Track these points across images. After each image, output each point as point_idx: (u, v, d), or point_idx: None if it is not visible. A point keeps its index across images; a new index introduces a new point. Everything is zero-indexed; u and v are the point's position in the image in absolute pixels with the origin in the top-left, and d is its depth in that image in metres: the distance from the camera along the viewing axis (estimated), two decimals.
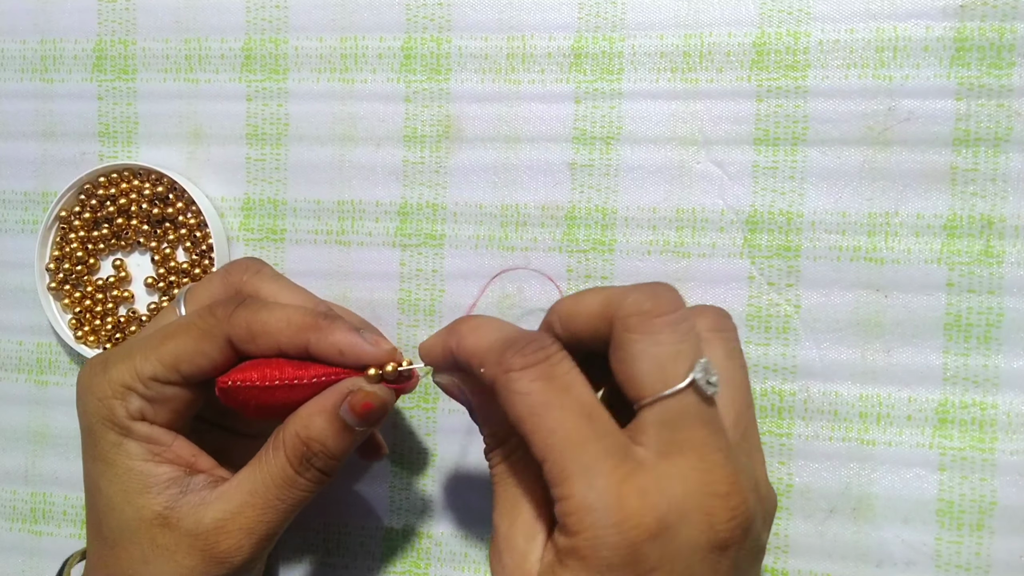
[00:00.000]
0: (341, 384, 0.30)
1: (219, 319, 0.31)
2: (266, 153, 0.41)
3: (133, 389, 0.30)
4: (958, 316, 0.36)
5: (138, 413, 0.31)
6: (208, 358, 0.30)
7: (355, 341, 0.30)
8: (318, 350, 0.30)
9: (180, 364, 0.30)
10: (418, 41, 0.40)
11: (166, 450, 0.31)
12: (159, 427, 0.31)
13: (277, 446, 0.30)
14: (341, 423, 0.30)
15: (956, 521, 0.36)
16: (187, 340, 0.31)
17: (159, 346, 0.31)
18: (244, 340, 0.30)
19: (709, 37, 0.37)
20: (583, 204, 0.38)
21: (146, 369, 0.30)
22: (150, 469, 0.30)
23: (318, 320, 0.30)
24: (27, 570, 0.43)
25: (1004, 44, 0.35)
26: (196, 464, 0.31)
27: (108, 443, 0.31)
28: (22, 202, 0.43)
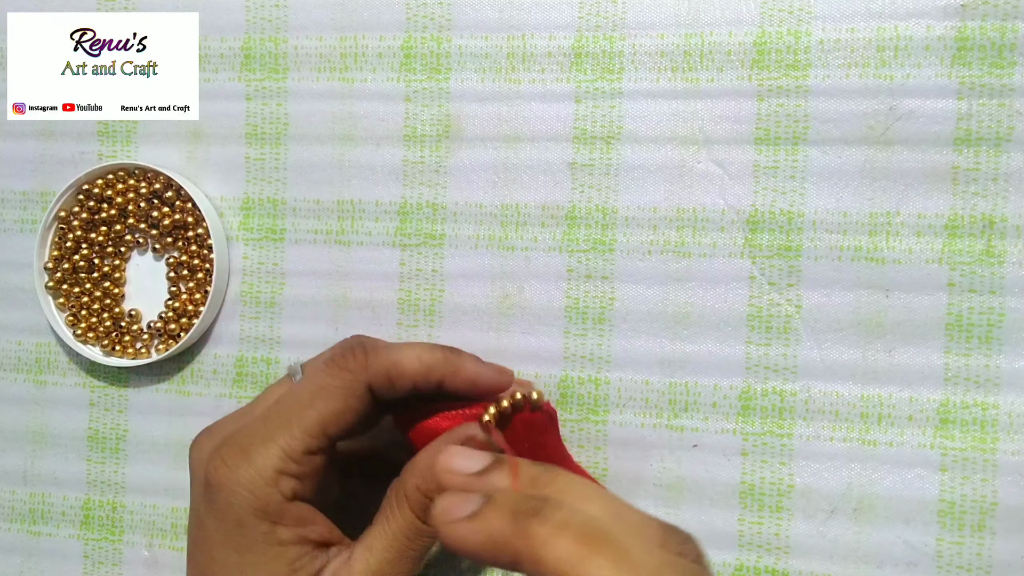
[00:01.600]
0: (454, 431, 0.31)
1: (355, 372, 0.31)
2: (265, 153, 0.41)
3: (285, 471, 0.30)
4: (959, 316, 0.36)
5: (291, 493, 0.30)
6: (355, 413, 0.31)
7: (484, 371, 0.32)
8: (453, 384, 0.31)
9: (328, 428, 0.30)
10: (418, 40, 0.40)
11: (311, 530, 0.31)
12: (306, 504, 0.31)
13: (401, 501, 0.31)
14: None
15: (957, 522, 0.36)
16: (330, 402, 0.31)
17: (302, 418, 0.30)
18: (383, 386, 0.31)
19: (710, 36, 0.37)
20: (583, 204, 0.38)
21: (296, 447, 0.30)
22: (296, 551, 0.30)
23: (447, 355, 0.31)
24: (25, 571, 0.43)
25: (1005, 43, 0.35)
26: (330, 537, 0.31)
27: (260, 533, 0.30)
28: (21, 201, 0.43)
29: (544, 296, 0.39)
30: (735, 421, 0.37)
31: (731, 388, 0.37)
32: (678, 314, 0.38)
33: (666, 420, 0.38)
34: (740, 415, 0.37)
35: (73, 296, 0.42)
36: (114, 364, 0.41)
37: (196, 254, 0.41)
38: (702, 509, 0.37)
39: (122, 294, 0.42)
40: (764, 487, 0.37)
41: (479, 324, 0.39)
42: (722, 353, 0.37)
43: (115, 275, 0.42)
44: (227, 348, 0.41)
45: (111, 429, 0.42)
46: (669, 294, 0.38)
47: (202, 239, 0.41)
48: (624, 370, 0.38)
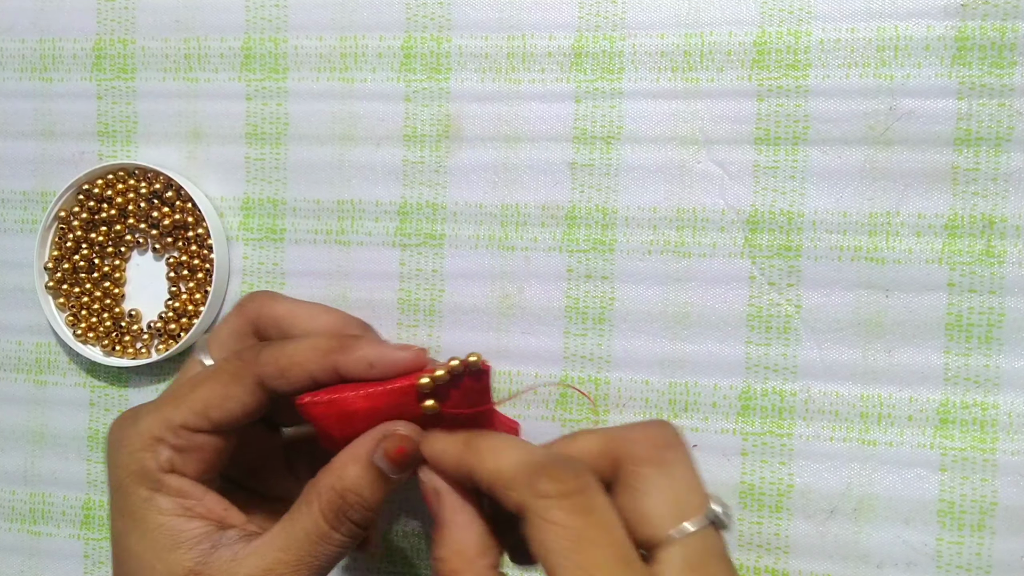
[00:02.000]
0: (373, 431, 0.29)
1: (246, 361, 0.30)
2: (266, 152, 0.41)
3: (163, 440, 0.30)
4: (959, 316, 0.36)
5: (168, 464, 0.30)
6: (239, 402, 0.30)
7: (383, 351, 0.29)
8: (348, 369, 0.29)
9: (210, 410, 0.30)
10: (418, 40, 0.40)
11: (197, 504, 0.30)
12: (190, 480, 0.30)
13: (310, 500, 0.29)
14: (376, 471, 0.28)
15: (957, 522, 0.36)
16: (216, 386, 0.30)
17: (188, 394, 0.30)
18: (275, 377, 0.30)
19: (710, 36, 0.37)
20: (583, 204, 0.38)
21: (176, 418, 0.30)
22: (181, 524, 0.29)
23: (342, 340, 0.30)
24: (26, 570, 0.43)
25: (1005, 43, 0.35)
26: (227, 519, 0.30)
27: (139, 498, 0.30)
28: (21, 201, 0.43)
29: (544, 296, 0.39)
30: (735, 421, 0.37)
31: (731, 388, 0.37)
32: (678, 314, 0.38)
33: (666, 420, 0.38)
34: (740, 415, 0.37)
35: (73, 296, 0.42)
36: (114, 364, 0.41)
37: (196, 254, 0.41)
38: None
39: (122, 294, 0.42)
40: (764, 487, 0.37)
41: (479, 324, 0.39)
42: (722, 353, 0.37)
43: (115, 275, 0.42)
44: None
45: None
46: (669, 294, 0.38)
47: (202, 239, 0.41)
48: (624, 370, 0.38)
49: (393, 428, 0.29)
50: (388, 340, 0.33)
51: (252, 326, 0.33)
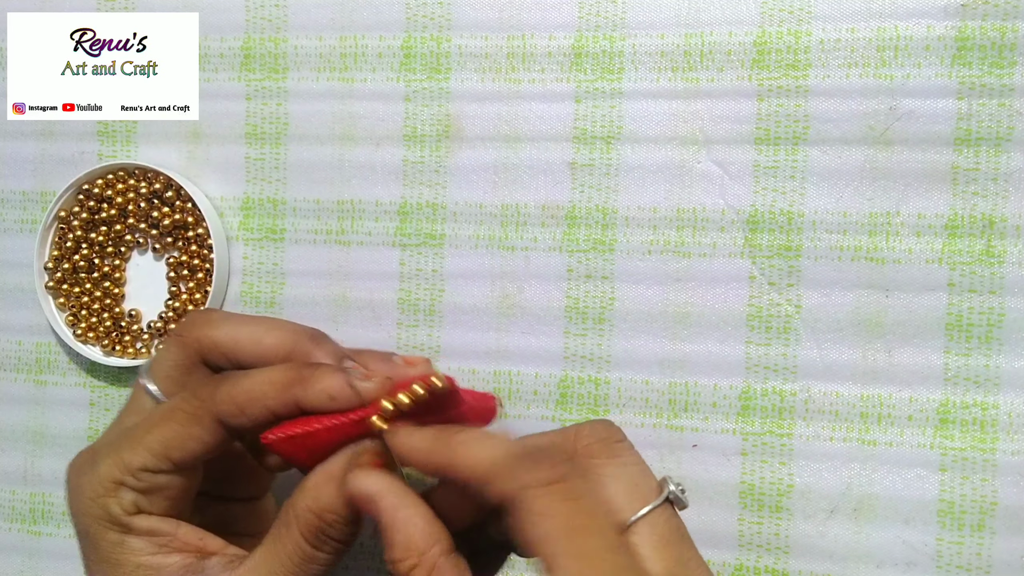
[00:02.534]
0: (345, 451, 0.28)
1: (203, 400, 0.29)
2: (265, 152, 0.41)
3: (123, 483, 0.29)
4: (959, 316, 0.36)
5: (133, 507, 0.29)
6: (199, 441, 0.29)
7: (342, 382, 0.28)
8: (309, 402, 0.28)
9: (170, 452, 0.29)
10: (418, 40, 0.40)
11: (172, 539, 0.29)
12: (158, 517, 0.29)
13: (289, 522, 0.28)
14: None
15: (957, 521, 0.36)
16: (174, 426, 0.29)
17: (144, 436, 0.29)
18: (234, 415, 0.29)
19: (710, 36, 0.37)
20: (583, 204, 0.38)
21: (135, 461, 0.29)
22: (160, 561, 0.29)
23: (300, 372, 0.29)
24: (26, 570, 0.43)
25: (1005, 43, 0.35)
26: (206, 547, 0.30)
27: (110, 543, 0.29)
28: (21, 201, 0.43)
29: (544, 296, 0.39)
30: (735, 421, 0.37)
31: (731, 388, 0.37)
32: (678, 314, 0.38)
33: (666, 420, 0.38)
34: (740, 415, 0.37)
35: (73, 296, 0.42)
36: (114, 364, 0.41)
37: (196, 254, 0.41)
38: (702, 509, 0.37)
39: (122, 294, 0.42)
40: (764, 487, 0.37)
41: (479, 324, 0.39)
42: (722, 353, 0.37)
43: (115, 275, 0.42)
44: None
45: None
46: (669, 294, 0.38)
47: (202, 239, 0.41)
48: (624, 370, 0.38)
49: (364, 446, 0.28)
50: (340, 345, 0.31)
51: (197, 355, 0.31)
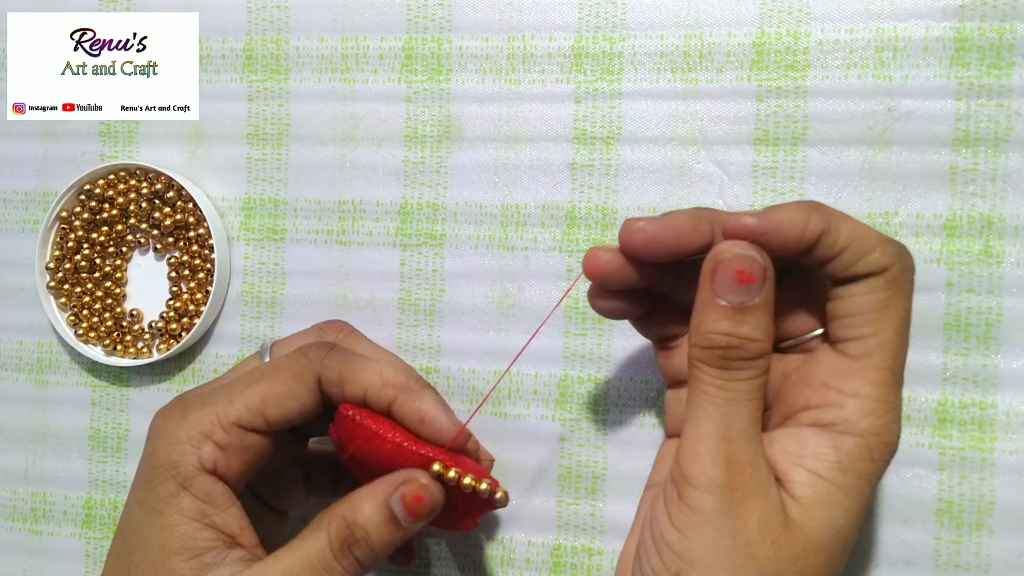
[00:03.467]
0: (395, 474, 0.29)
1: (311, 360, 0.30)
2: (267, 153, 0.41)
3: (211, 436, 0.29)
4: (957, 316, 0.36)
5: (211, 463, 0.29)
6: (297, 400, 0.30)
7: (439, 415, 0.30)
8: (401, 410, 0.30)
9: (267, 407, 0.29)
10: (419, 41, 0.40)
11: (217, 514, 0.29)
12: (222, 485, 0.29)
13: (321, 526, 0.29)
14: (389, 513, 0.28)
15: (955, 521, 0.36)
16: (276, 382, 0.30)
17: (245, 389, 0.30)
18: (333, 383, 0.30)
19: (709, 37, 0.37)
20: (583, 204, 0.39)
21: (231, 414, 0.29)
22: (194, 531, 0.29)
23: (410, 382, 0.30)
24: (27, 570, 0.43)
25: (1004, 44, 0.35)
26: (240, 538, 0.30)
27: (165, 491, 0.29)
28: (23, 202, 0.43)
29: (544, 296, 0.39)
30: None
31: None
32: None
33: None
34: None
35: (75, 296, 0.42)
36: (115, 364, 0.41)
37: (197, 254, 0.41)
38: None
39: (123, 294, 0.43)
40: None
41: (479, 324, 0.39)
42: None
43: (116, 275, 0.42)
44: (228, 348, 0.42)
45: (112, 429, 0.43)
46: None
47: (203, 239, 0.41)
48: (624, 369, 0.38)
49: (414, 476, 0.29)
50: (443, 400, 0.33)
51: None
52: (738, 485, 0.26)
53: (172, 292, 0.42)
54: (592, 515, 0.38)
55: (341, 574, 0.28)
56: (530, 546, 0.39)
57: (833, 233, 0.26)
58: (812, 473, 0.26)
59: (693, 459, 0.26)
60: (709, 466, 0.26)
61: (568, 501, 0.39)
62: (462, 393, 0.39)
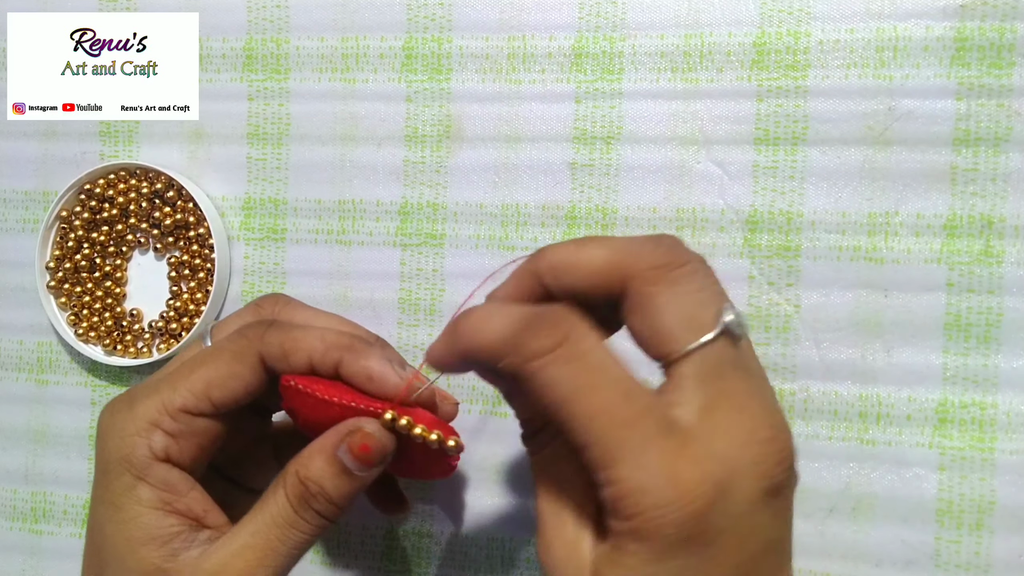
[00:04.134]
0: (341, 424, 0.29)
1: (251, 339, 0.30)
2: (267, 153, 0.41)
3: (159, 425, 0.29)
4: (958, 316, 0.36)
5: (162, 452, 0.29)
6: (241, 380, 0.29)
7: (386, 370, 0.29)
8: (348, 370, 0.29)
9: (212, 391, 0.29)
10: (419, 41, 0.40)
11: (178, 500, 0.29)
12: (178, 472, 0.30)
13: (278, 484, 0.29)
14: (340, 465, 0.28)
15: (955, 521, 0.36)
16: (218, 364, 0.30)
17: (189, 375, 0.30)
18: (277, 358, 0.29)
19: (709, 37, 0.37)
20: (583, 204, 0.39)
21: (176, 400, 0.29)
22: (158, 519, 0.29)
23: (353, 342, 0.30)
24: (27, 570, 0.43)
25: (1004, 44, 0.35)
26: (205, 519, 0.30)
27: (122, 486, 0.29)
28: (23, 201, 0.43)
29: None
30: None
31: None
32: None
33: None
34: None
35: (75, 295, 0.42)
36: (115, 363, 0.41)
37: (197, 254, 0.41)
38: None
39: (123, 294, 0.43)
40: None
41: None
42: None
43: (116, 275, 0.42)
44: None
45: None
46: None
47: (203, 239, 0.41)
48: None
49: (360, 424, 0.29)
50: (394, 353, 0.33)
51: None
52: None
53: (172, 292, 0.42)
54: None
55: (306, 528, 0.29)
56: (530, 546, 0.39)
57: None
58: None
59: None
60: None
61: None
62: (462, 393, 0.39)
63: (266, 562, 0.28)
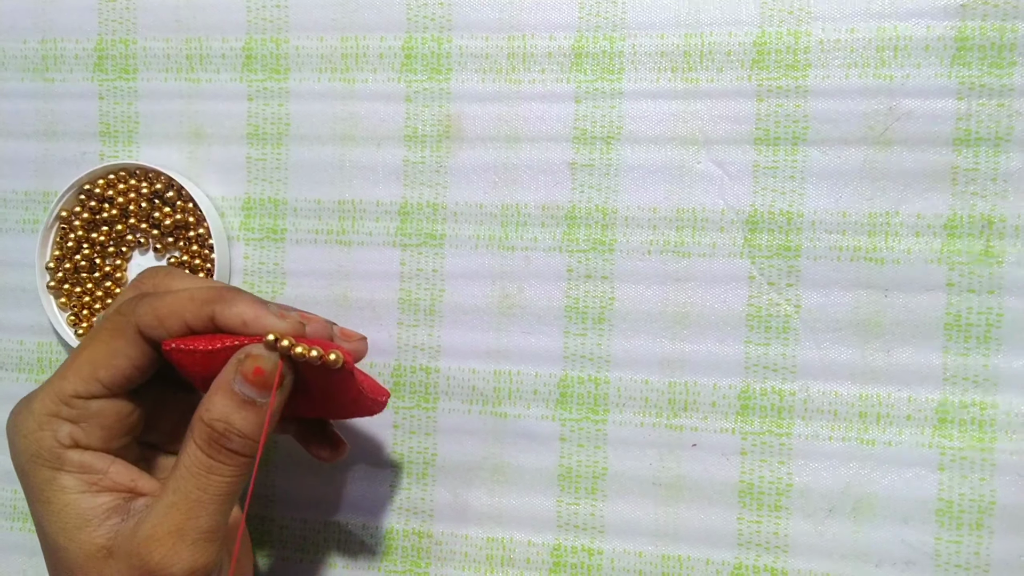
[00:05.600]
0: (232, 357, 0.29)
1: (124, 314, 0.30)
2: (267, 153, 0.41)
3: (58, 415, 0.29)
4: (958, 316, 0.36)
5: (69, 439, 0.29)
6: (124, 356, 0.29)
7: (259, 312, 0.29)
8: (222, 320, 0.29)
9: (98, 371, 0.29)
10: (419, 41, 0.40)
11: (102, 478, 0.29)
12: (93, 452, 0.30)
13: (188, 435, 0.29)
14: (239, 397, 0.28)
15: (955, 521, 0.36)
16: (98, 345, 0.29)
17: (73, 362, 0.30)
18: (152, 326, 0.29)
19: (710, 37, 0.37)
20: (583, 204, 0.39)
21: (66, 388, 0.29)
22: (87, 501, 0.29)
23: (222, 292, 0.29)
24: (27, 570, 0.43)
25: (1005, 43, 0.35)
26: (137, 487, 0.30)
27: (42, 480, 0.29)
28: (23, 201, 0.43)
29: (544, 296, 0.39)
30: (734, 420, 0.37)
31: (730, 388, 0.37)
32: (678, 314, 0.38)
33: (665, 419, 0.38)
34: (739, 414, 0.37)
35: (75, 296, 0.42)
36: None
37: (197, 254, 0.41)
38: (701, 508, 0.38)
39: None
40: (763, 486, 0.37)
41: (479, 324, 0.39)
42: (721, 353, 0.37)
43: (116, 275, 0.42)
44: None
45: None
46: (669, 294, 0.38)
47: (203, 239, 0.41)
48: (624, 370, 0.38)
49: (246, 350, 0.28)
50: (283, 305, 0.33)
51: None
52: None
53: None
54: (592, 515, 0.38)
55: (225, 470, 0.28)
56: (530, 546, 0.39)
57: None
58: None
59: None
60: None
61: (568, 501, 0.39)
62: (462, 393, 0.39)
63: (193, 514, 0.28)
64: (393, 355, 0.40)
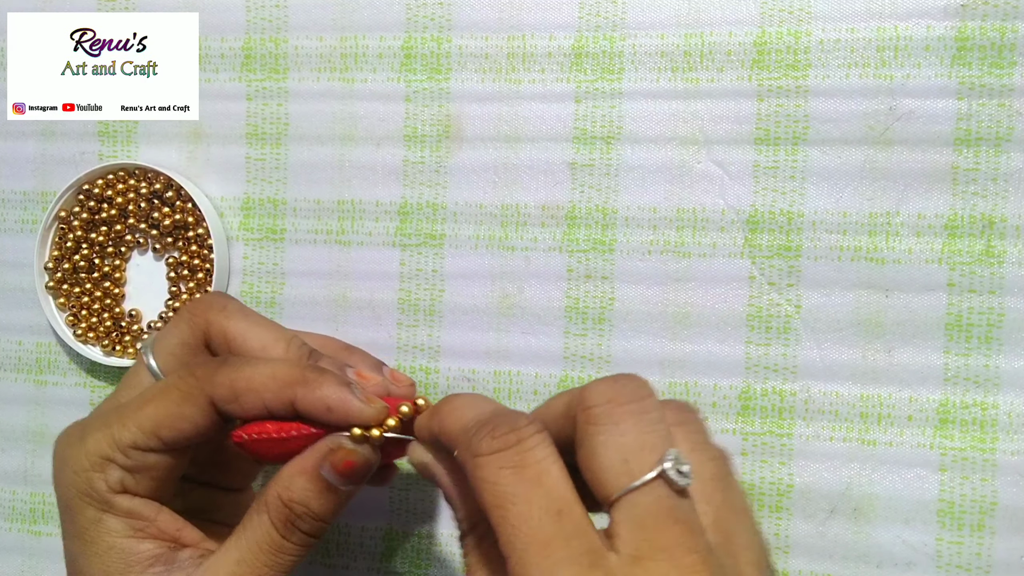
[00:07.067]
0: (321, 443, 0.28)
1: (200, 380, 0.29)
2: (266, 153, 0.41)
3: (112, 460, 0.29)
4: (959, 316, 0.36)
5: (119, 485, 0.29)
6: (190, 422, 0.29)
7: (344, 397, 0.28)
8: (305, 406, 0.28)
9: (160, 430, 0.29)
10: (418, 40, 0.40)
11: (149, 525, 0.29)
12: (141, 499, 0.29)
13: (261, 509, 0.28)
14: (323, 483, 0.28)
15: (957, 521, 0.36)
16: (167, 404, 0.29)
17: (137, 412, 0.29)
18: (228, 400, 0.29)
19: (710, 36, 0.37)
20: (583, 204, 0.38)
21: (125, 437, 0.29)
22: (132, 546, 0.29)
23: (305, 374, 0.29)
24: (27, 570, 0.43)
25: (1005, 43, 0.35)
26: (181, 538, 0.30)
27: (87, 520, 0.29)
28: (21, 202, 0.43)
29: (544, 296, 0.39)
30: (735, 421, 0.37)
31: (731, 388, 0.37)
32: (678, 314, 0.38)
33: None
34: (740, 415, 0.37)
35: (73, 296, 0.42)
36: (114, 364, 0.41)
37: (196, 254, 0.41)
38: None
39: (122, 294, 0.43)
40: (764, 487, 0.37)
41: (479, 324, 0.39)
42: (722, 353, 0.37)
43: (115, 275, 0.42)
44: None
45: None
46: (669, 294, 0.38)
47: (202, 239, 0.41)
48: (624, 370, 0.38)
49: (340, 442, 0.28)
50: (364, 356, 0.33)
51: (203, 337, 0.31)
52: None
53: (171, 292, 0.42)
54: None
55: (293, 550, 0.28)
56: None
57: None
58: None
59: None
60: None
61: None
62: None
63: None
64: (393, 355, 0.40)
